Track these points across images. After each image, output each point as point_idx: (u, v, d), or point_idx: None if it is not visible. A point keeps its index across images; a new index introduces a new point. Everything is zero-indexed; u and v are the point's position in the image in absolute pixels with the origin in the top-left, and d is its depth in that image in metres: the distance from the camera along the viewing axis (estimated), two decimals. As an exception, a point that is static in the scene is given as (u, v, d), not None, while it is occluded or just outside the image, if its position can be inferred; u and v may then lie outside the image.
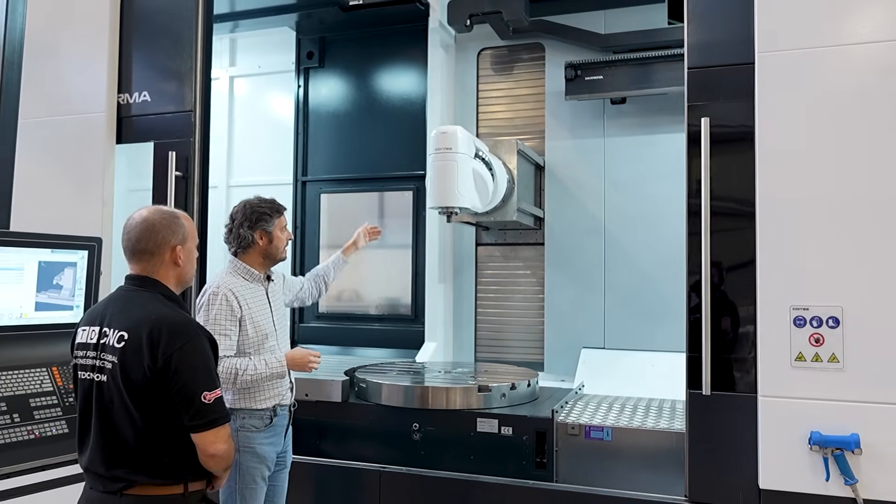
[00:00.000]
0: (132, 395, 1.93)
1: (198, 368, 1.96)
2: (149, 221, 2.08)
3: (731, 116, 2.55)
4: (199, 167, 3.27)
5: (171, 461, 1.97)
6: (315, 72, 5.38)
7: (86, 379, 2.03)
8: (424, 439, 3.18)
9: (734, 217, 2.54)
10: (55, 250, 2.68)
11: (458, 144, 3.57)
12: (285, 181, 5.37)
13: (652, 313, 4.27)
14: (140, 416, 1.93)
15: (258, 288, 2.88)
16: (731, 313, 2.51)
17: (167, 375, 1.91)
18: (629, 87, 4.33)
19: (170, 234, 2.08)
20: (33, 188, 3.25)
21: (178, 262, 2.10)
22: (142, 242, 2.06)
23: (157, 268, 2.08)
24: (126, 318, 1.99)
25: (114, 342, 1.96)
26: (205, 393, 1.94)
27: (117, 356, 1.94)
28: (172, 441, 1.96)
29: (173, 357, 1.91)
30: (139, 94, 3.32)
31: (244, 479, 2.73)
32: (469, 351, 4.85)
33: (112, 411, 1.96)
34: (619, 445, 2.99)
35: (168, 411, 1.95)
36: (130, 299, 2.06)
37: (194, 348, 1.97)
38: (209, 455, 1.97)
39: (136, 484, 1.95)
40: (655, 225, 4.32)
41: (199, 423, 1.94)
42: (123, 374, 1.93)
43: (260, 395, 2.79)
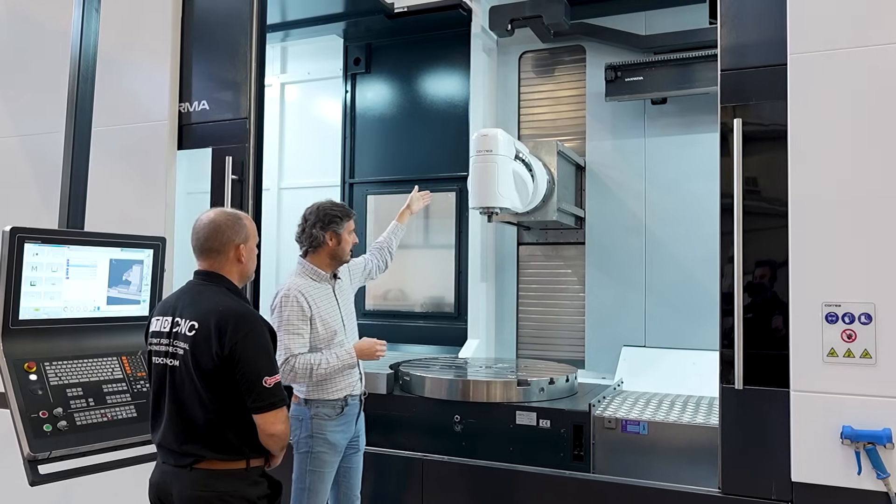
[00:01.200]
0: (202, 379, 2.14)
1: (259, 355, 2.16)
2: (215, 222, 2.31)
3: (763, 117, 2.59)
4: (254, 171, 3.46)
5: (235, 439, 2.17)
6: (362, 77, 5.56)
7: (159, 364, 2.26)
8: (465, 431, 3.31)
9: (767, 215, 2.59)
10: (124, 249, 2.90)
11: (498, 146, 3.68)
12: (333, 183, 5.58)
13: (693, 311, 4.30)
14: (209, 398, 2.14)
15: (325, 287, 3.05)
16: (763, 309, 2.56)
17: (233, 361, 2.12)
18: (669, 88, 4.37)
19: (234, 233, 2.31)
20: (103, 191, 3.48)
21: (241, 259, 2.32)
22: (209, 241, 2.29)
23: (222, 264, 2.30)
24: (196, 310, 2.21)
25: (185, 331, 2.18)
26: (265, 378, 2.14)
27: (188, 343, 2.16)
28: (236, 421, 2.16)
29: (238, 345, 2.11)
30: (198, 102, 3.54)
31: (314, 463, 2.92)
32: (511, 348, 4.95)
33: (184, 393, 2.17)
34: (654, 439, 3.06)
35: (233, 394, 2.14)
36: (199, 292, 2.28)
37: (257, 337, 2.17)
38: (269, 434, 2.17)
39: (205, 459, 2.15)
40: (696, 224, 4.34)
41: (260, 404, 2.14)
42: (194, 360, 2.15)
43: (332, 386, 2.97)
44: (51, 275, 2.66)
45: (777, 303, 2.53)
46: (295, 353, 2.87)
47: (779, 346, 2.51)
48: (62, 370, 2.60)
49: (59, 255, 2.69)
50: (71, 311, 2.74)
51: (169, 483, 2.20)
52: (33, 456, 2.38)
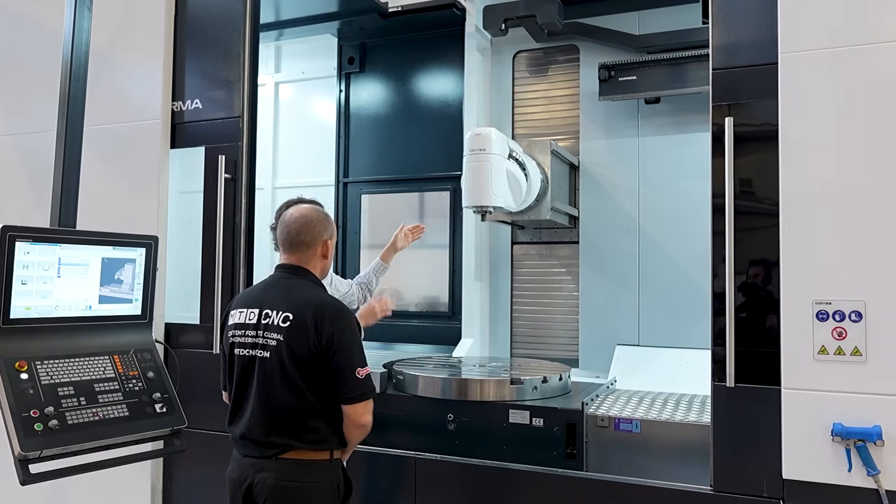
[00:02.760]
0: (298, 368, 2.19)
1: (354, 347, 2.24)
2: (307, 217, 2.41)
3: (755, 116, 2.60)
4: (247, 170, 3.45)
5: (323, 429, 2.22)
6: (356, 76, 5.56)
7: (245, 356, 2.30)
8: (459, 429, 3.31)
9: (759, 214, 2.60)
10: (117, 248, 2.89)
11: (491, 145, 3.69)
12: (327, 182, 5.57)
13: (687, 310, 4.31)
14: (301, 388, 2.18)
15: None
16: (755, 308, 2.57)
17: (329, 352, 2.18)
18: (663, 87, 4.38)
19: (323, 229, 2.42)
20: (95, 190, 3.48)
21: (326, 254, 2.42)
22: (301, 235, 2.38)
23: (309, 258, 2.40)
24: (289, 301, 2.28)
25: (279, 322, 2.23)
26: (359, 368, 2.22)
27: (283, 334, 2.21)
28: (325, 411, 2.21)
29: (335, 335, 2.19)
30: (191, 101, 3.53)
31: None
32: (505, 347, 4.95)
33: (273, 384, 2.21)
34: (647, 437, 3.07)
35: (325, 384, 2.20)
36: (288, 286, 2.35)
37: (351, 328, 2.26)
38: (359, 425, 2.24)
39: (292, 449, 2.20)
40: (690, 223, 4.35)
41: (353, 395, 2.21)
42: (289, 350, 2.20)
43: None
44: (42, 273, 2.65)
45: (769, 301, 2.54)
46: None
47: (770, 345, 2.52)
48: (53, 369, 2.59)
49: (50, 253, 2.68)
50: (62, 309, 2.73)
51: (250, 475, 2.23)
52: (24, 455, 2.37)
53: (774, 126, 2.54)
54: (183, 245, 3.61)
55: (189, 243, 3.58)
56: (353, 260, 5.44)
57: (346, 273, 5.44)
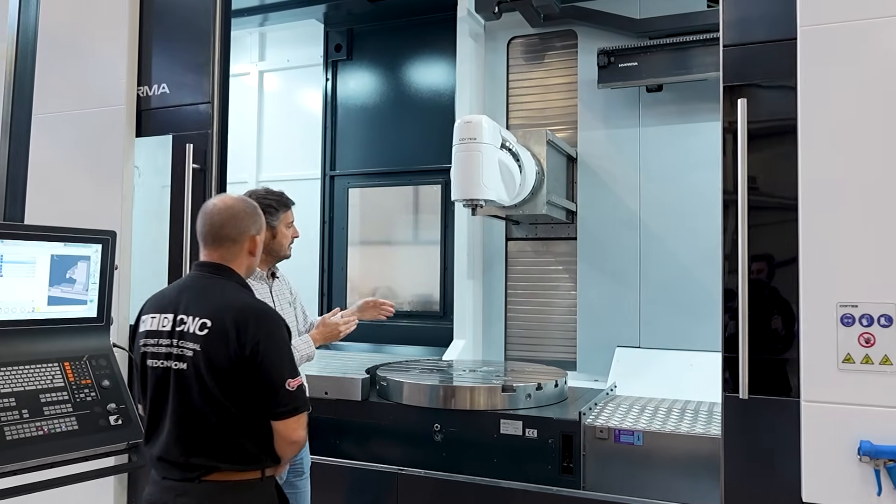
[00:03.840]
0: (217, 382, 1.93)
1: (282, 355, 1.98)
2: (233, 209, 2.10)
3: (771, 98, 2.35)
4: (218, 160, 3.20)
5: (251, 447, 1.97)
6: (343, 65, 5.31)
7: (159, 367, 2.03)
8: (446, 440, 3.06)
9: (774, 208, 2.35)
10: (68, 244, 2.63)
11: (483, 134, 3.44)
12: (313, 176, 5.32)
13: (691, 310, 4.07)
14: (223, 403, 1.93)
15: (261, 286, 2.76)
16: (770, 311, 2.32)
17: (254, 363, 1.92)
18: (665, 74, 4.13)
19: (251, 222, 2.12)
20: (55, 182, 3.23)
21: (253, 251, 2.13)
22: (226, 228, 2.08)
23: (234, 256, 2.10)
24: (207, 306, 2.00)
25: (195, 329, 1.97)
26: (289, 380, 1.96)
27: (200, 343, 1.95)
28: (253, 427, 1.96)
29: (260, 344, 1.93)
30: (158, 86, 3.28)
31: None
32: (499, 349, 4.71)
33: (192, 399, 1.95)
34: (650, 451, 2.82)
35: (250, 398, 1.94)
36: (207, 287, 2.06)
37: (279, 335, 1.99)
38: (290, 442, 1.98)
39: (216, 470, 1.95)
40: (694, 217, 4.11)
41: (283, 409, 1.95)
42: (207, 362, 1.94)
43: None
44: (-19, 272, 2.40)
45: (786, 304, 2.29)
46: None
47: (788, 352, 2.27)
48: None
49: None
50: (5, 312, 2.46)
51: (171, 499, 1.97)
52: (-46, 476, 2.12)
53: (793, 109, 2.28)
54: (153, 241, 3.36)
55: (159, 240, 3.33)
56: (340, 257, 5.19)
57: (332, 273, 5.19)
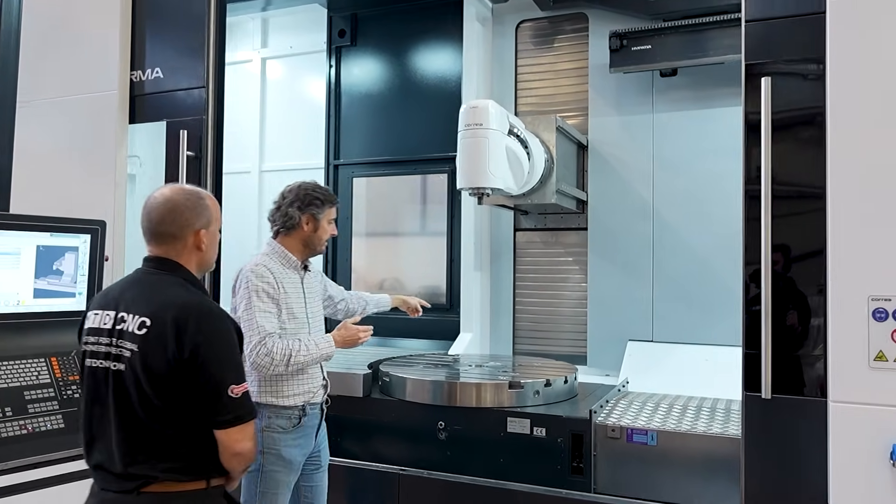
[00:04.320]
0: (154, 386, 1.79)
1: (226, 359, 1.83)
2: (172, 202, 1.94)
3: (797, 77, 2.19)
4: (213, 147, 3.07)
5: (193, 455, 1.84)
6: (347, 51, 5.16)
7: (98, 368, 1.89)
8: (450, 439, 2.94)
9: (801, 196, 2.19)
10: (55, 234, 2.52)
11: (489, 120, 3.29)
12: (317, 165, 5.19)
13: (706, 303, 3.92)
14: (161, 409, 1.80)
15: (294, 275, 2.70)
16: (796, 305, 2.17)
17: (193, 366, 1.78)
18: (680, 57, 3.95)
19: (194, 215, 1.95)
20: (46, 171, 3.12)
21: (201, 246, 1.97)
22: (164, 224, 1.92)
23: (179, 251, 1.95)
24: (147, 303, 1.86)
25: (134, 328, 1.83)
26: (232, 386, 1.80)
27: (138, 344, 1.82)
28: (195, 435, 1.82)
29: (201, 346, 1.78)
30: (152, 70, 3.15)
31: (266, 484, 2.55)
32: (507, 343, 4.58)
33: (130, 403, 1.82)
34: (664, 451, 2.69)
35: (191, 404, 1.80)
36: (151, 283, 1.92)
37: (223, 338, 1.84)
38: (234, 454, 1.83)
39: (156, 481, 1.81)
40: (710, 207, 3.95)
41: (224, 418, 1.80)
42: (144, 364, 1.80)
43: (288, 388, 2.60)
44: (-37, 264, 2.30)
45: (813, 297, 2.14)
46: (269, 332, 2.50)
47: (815, 349, 2.13)
48: (-26, 375, 2.23)
49: (-28, 241, 2.32)
50: (-12, 305, 2.37)
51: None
52: (-70, 478, 2.02)
53: (821, 88, 2.13)
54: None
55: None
56: (344, 248, 5.06)
57: (337, 264, 5.07)
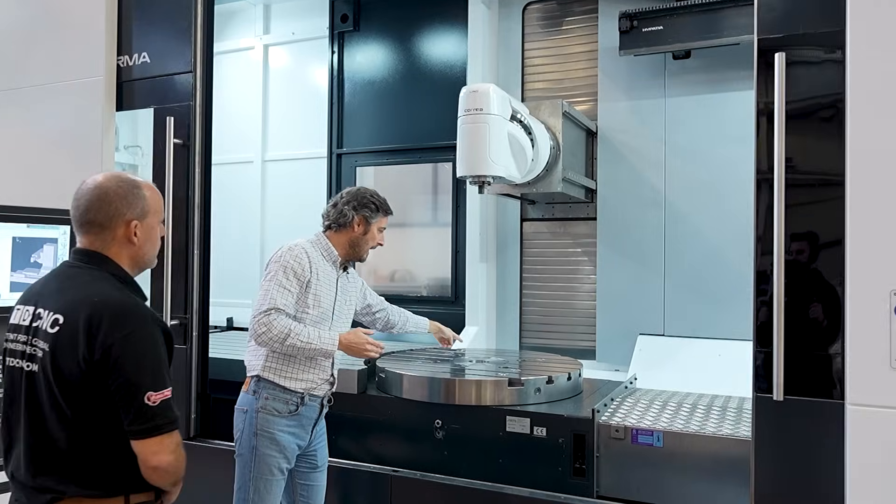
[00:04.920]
0: (63, 390, 1.65)
1: (143, 362, 1.67)
2: (102, 189, 1.79)
3: (814, 50, 2.03)
4: (202, 134, 2.96)
5: (109, 469, 1.69)
6: (350, 36, 5.02)
7: (14, 367, 1.77)
8: (448, 438, 2.82)
9: (818, 184, 2.03)
10: (32, 225, 2.43)
11: (490, 104, 3.15)
12: (320, 154, 5.07)
13: (720, 296, 3.75)
14: (72, 415, 1.65)
15: (331, 270, 2.68)
16: (811, 300, 2.02)
17: (105, 369, 1.63)
18: (694, 38, 3.76)
19: (125, 205, 1.79)
20: (31, 161, 3.03)
21: (132, 239, 1.80)
22: (91, 212, 1.77)
23: (107, 244, 1.80)
24: (63, 299, 1.72)
25: (47, 326, 1.69)
26: (149, 393, 1.64)
27: (49, 343, 1.68)
28: (111, 445, 1.67)
29: (114, 347, 1.63)
30: (139, 55, 3.05)
31: (259, 468, 2.48)
32: (514, 337, 4.44)
33: (42, 408, 1.68)
34: (671, 453, 2.54)
35: (106, 412, 1.65)
36: (72, 277, 1.78)
37: (141, 338, 1.68)
38: (152, 467, 1.67)
39: (66, 496, 1.67)
40: (724, 195, 3.77)
41: (139, 428, 1.64)
42: (55, 365, 1.66)
43: (293, 371, 2.55)
44: (-66, 256, 2.21)
45: (830, 291, 1.98)
46: (279, 306, 2.45)
47: (831, 347, 1.97)
48: (-56, 372, 2.14)
49: (-56, 232, 2.23)
50: (-40, 299, 2.28)
51: None
52: None
53: (840, 63, 1.96)
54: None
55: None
56: (348, 239, 4.94)
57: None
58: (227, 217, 5.35)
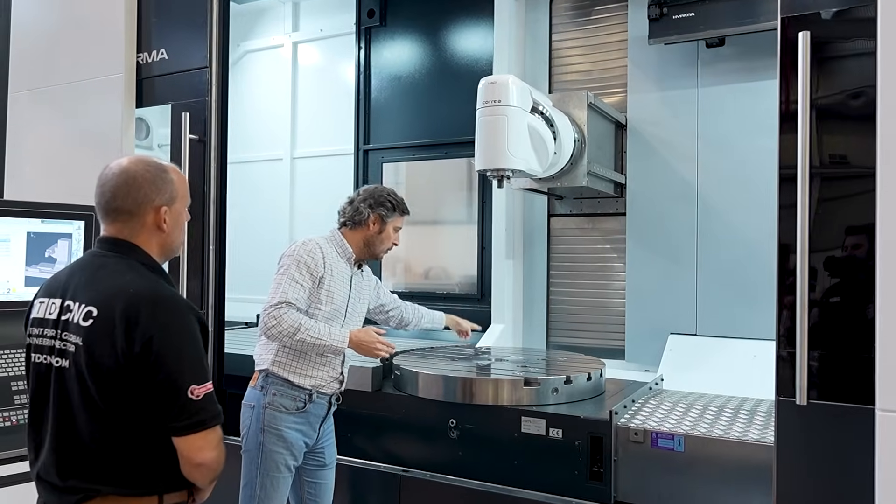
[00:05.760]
0: (99, 386, 1.60)
1: (184, 355, 1.61)
2: (129, 173, 1.71)
3: (842, 28, 1.89)
4: (218, 130, 2.97)
5: (142, 467, 1.64)
6: (377, 31, 4.99)
7: (42, 363, 1.72)
8: (462, 438, 2.75)
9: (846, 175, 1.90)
10: (47, 220, 2.46)
11: (509, 96, 3.07)
12: (347, 151, 5.06)
13: (755, 294, 3.56)
14: (107, 412, 1.60)
15: (345, 267, 2.67)
16: (838, 297, 1.88)
17: (146, 363, 1.57)
18: (727, 25, 3.58)
19: (154, 191, 1.72)
20: (54, 159, 3.08)
21: (161, 226, 1.74)
22: (118, 199, 1.70)
23: (136, 231, 1.73)
24: (95, 291, 1.66)
25: (79, 319, 1.63)
26: (192, 387, 1.59)
27: (83, 337, 1.62)
28: (146, 443, 1.63)
29: (154, 339, 1.57)
30: (157, 51, 3.07)
31: (266, 465, 2.46)
32: (541, 335, 4.34)
33: (72, 405, 1.63)
34: (693, 458, 2.42)
35: (143, 407, 1.61)
36: (102, 267, 1.71)
37: (182, 330, 1.63)
38: (195, 464, 1.62)
39: (98, 495, 1.62)
40: (760, 189, 3.57)
41: (184, 423, 1.59)
42: (89, 360, 1.61)
43: (303, 367, 2.53)
44: (-50, 251, 2.25)
45: (859, 287, 1.84)
46: (290, 300, 2.43)
47: (860, 348, 1.83)
48: (-42, 365, 2.18)
49: (-40, 227, 2.27)
50: (-25, 293, 2.32)
51: None
52: None
53: (871, 42, 1.82)
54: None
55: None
56: (374, 236, 4.92)
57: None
58: (257, 215, 5.41)
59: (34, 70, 3.13)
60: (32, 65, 3.14)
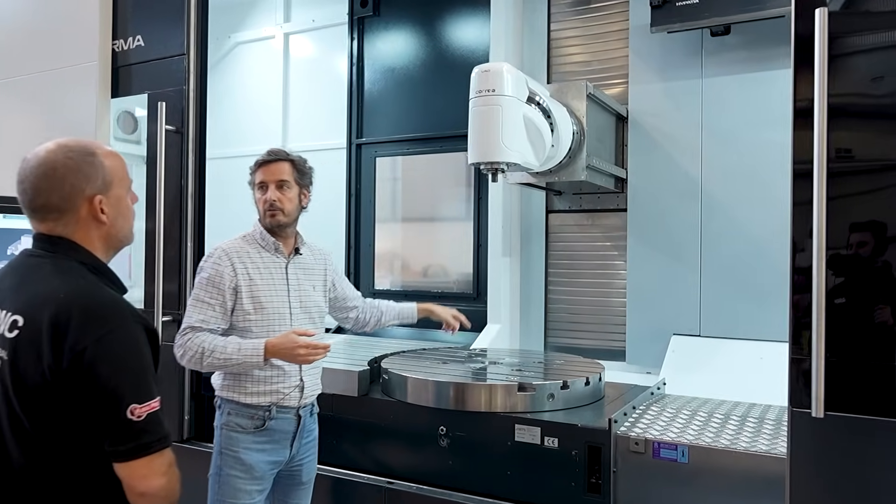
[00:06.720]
0: (24, 405, 1.40)
1: (123, 369, 1.40)
2: (49, 164, 1.49)
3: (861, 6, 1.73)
4: (196, 120, 2.81)
5: (79, 497, 1.44)
6: (370, 21, 4.84)
7: None
8: (452, 446, 2.60)
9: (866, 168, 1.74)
10: (8, 216, 2.30)
11: (504, 85, 2.91)
12: (340, 145, 4.91)
13: (761, 293, 3.43)
14: (35, 436, 1.40)
15: (274, 259, 2.41)
16: (856, 300, 1.73)
17: (77, 379, 1.37)
18: (733, 12, 3.42)
19: (82, 179, 1.50)
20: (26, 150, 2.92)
21: (99, 217, 1.52)
22: (42, 195, 1.49)
23: (71, 228, 1.52)
24: (22, 297, 1.45)
25: (4, 330, 1.43)
26: (133, 406, 1.39)
27: (8, 350, 1.42)
28: (85, 471, 1.44)
29: (87, 352, 1.37)
30: (133, 38, 2.91)
31: (223, 490, 2.27)
32: (538, 336, 4.20)
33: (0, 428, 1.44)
34: (697, 470, 2.27)
35: (78, 430, 1.41)
36: (32, 269, 1.50)
37: (119, 340, 1.41)
38: (139, 493, 1.42)
39: None
40: (767, 184, 3.44)
41: (124, 448, 1.39)
42: (14, 376, 1.40)
43: (250, 385, 2.31)
44: None
45: (879, 291, 1.69)
46: (194, 324, 2.22)
47: (882, 355, 1.67)
48: None
49: (-87, 223, 2.12)
50: (-71, 294, 2.16)
51: None
52: None
53: (891, 21, 1.66)
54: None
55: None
56: (367, 234, 4.77)
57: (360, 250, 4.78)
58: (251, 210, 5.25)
59: (6, 59, 2.98)
60: (4, 54, 2.99)
